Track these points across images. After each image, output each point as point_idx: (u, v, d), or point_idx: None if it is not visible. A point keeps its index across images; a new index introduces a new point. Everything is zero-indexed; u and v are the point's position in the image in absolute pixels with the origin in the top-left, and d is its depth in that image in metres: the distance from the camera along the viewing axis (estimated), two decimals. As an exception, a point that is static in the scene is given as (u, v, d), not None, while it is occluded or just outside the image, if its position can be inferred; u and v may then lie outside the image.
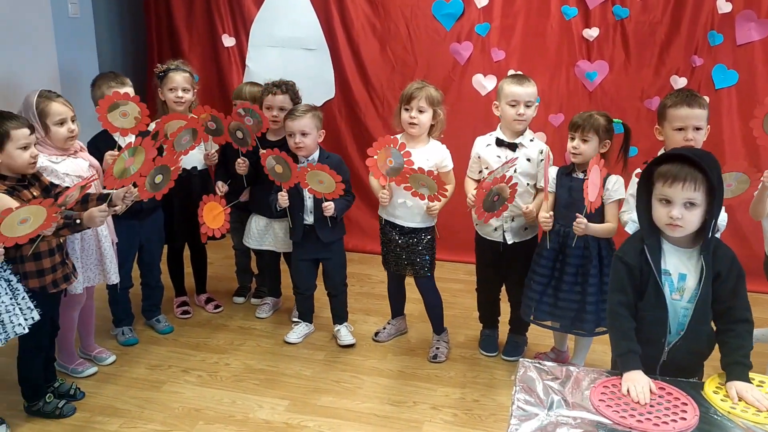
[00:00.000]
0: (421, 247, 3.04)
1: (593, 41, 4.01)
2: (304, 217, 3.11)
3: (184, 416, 2.64)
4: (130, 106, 2.76)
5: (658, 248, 1.86)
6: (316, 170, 2.87)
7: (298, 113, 3.02)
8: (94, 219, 2.42)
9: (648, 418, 1.61)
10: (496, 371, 3.03)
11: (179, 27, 4.61)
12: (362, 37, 4.37)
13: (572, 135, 2.69)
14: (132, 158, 2.46)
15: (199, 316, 3.55)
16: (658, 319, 1.86)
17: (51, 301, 2.55)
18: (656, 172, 1.82)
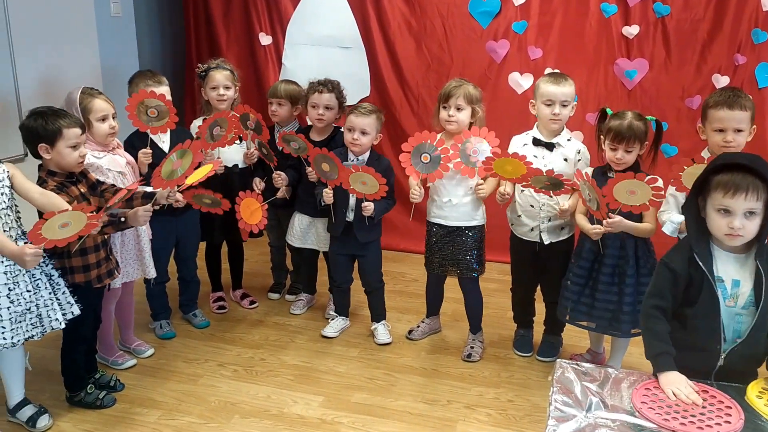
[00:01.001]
0: (467, 246, 3.02)
1: (633, 39, 3.95)
2: (347, 214, 3.12)
3: (220, 409, 2.68)
4: (159, 105, 2.82)
5: (709, 255, 1.82)
6: (360, 172, 2.88)
7: (364, 111, 3.05)
8: (139, 218, 2.48)
9: (692, 421, 1.59)
10: (531, 372, 3.01)
11: (217, 25, 4.67)
12: (398, 35, 4.38)
13: (614, 146, 2.61)
14: (180, 161, 2.51)
15: (235, 312, 3.59)
16: (711, 326, 1.82)
17: (94, 295, 2.61)
18: (714, 182, 1.78)
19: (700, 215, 1.83)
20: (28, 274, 2.30)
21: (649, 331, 1.88)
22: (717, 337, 1.82)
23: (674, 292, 1.84)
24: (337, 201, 3.09)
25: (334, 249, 3.27)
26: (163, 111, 2.86)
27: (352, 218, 3.12)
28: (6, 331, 2.22)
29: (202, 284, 3.52)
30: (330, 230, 3.25)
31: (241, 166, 3.38)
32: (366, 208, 2.99)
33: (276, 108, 3.46)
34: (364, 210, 3.00)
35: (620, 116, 2.62)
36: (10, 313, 2.23)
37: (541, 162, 2.86)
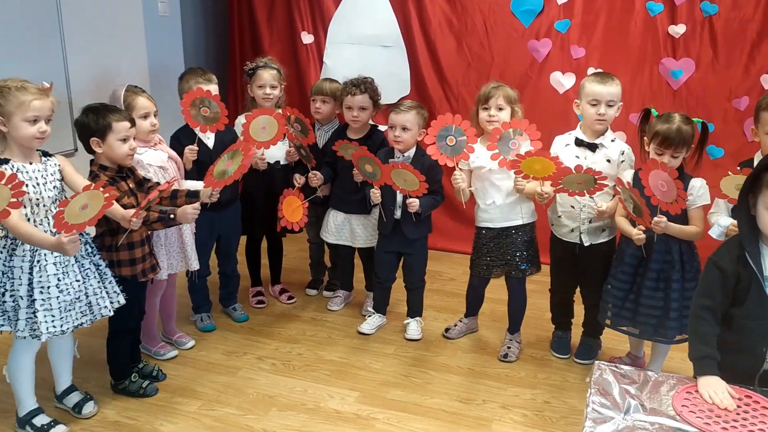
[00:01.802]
0: (516, 246, 3.01)
1: (679, 38, 3.88)
2: (395, 211, 3.15)
3: (258, 402, 2.72)
4: (211, 104, 2.88)
5: (758, 254, 1.79)
6: (399, 169, 2.90)
7: (404, 108, 3.07)
8: (188, 216, 2.56)
9: (734, 426, 1.56)
10: (568, 374, 2.98)
11: (260, 25, 4.74)
12: (439, 33, 4.38)
13: (661, 151, 2.55)
14: (231, 161, 2.56)
15: (273, 307, 3.64)
16: (760, 327, 1.79)
17: (139, 288, 2.69)
18: (766, 179, 1.75)
19: (751, 213, 1.79)
20: (77, 265, 2.37)
21: (695, 333, 1.85)
22: (764, 338, 1.78)
23: (724, 291, 1.81)
24: (385, 199, 3.11)
25: (381, 246, 3.29)
26: (215, 110, 2.92)
27: (400, 215, 3.14)
28: (56, 319, 2.30)
29: (242, 279, 3.57)
30: (380, 228, 3.27)
31: (282, 162, 3.43)
32: (411, 204, 3.00)
33: (320, 105, 3.50)
34: (409, 206, 3.01)
35: (668, 119, 2.55)
36: (60, 302, 2.30)
37: (583, 163, 2.82)
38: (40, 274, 2.27)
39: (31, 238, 2.22)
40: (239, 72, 4.32)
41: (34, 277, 2.27)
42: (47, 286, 2.27)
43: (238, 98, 4.78)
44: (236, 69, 4.78)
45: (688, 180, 2.62)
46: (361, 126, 3.34)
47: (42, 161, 2.35)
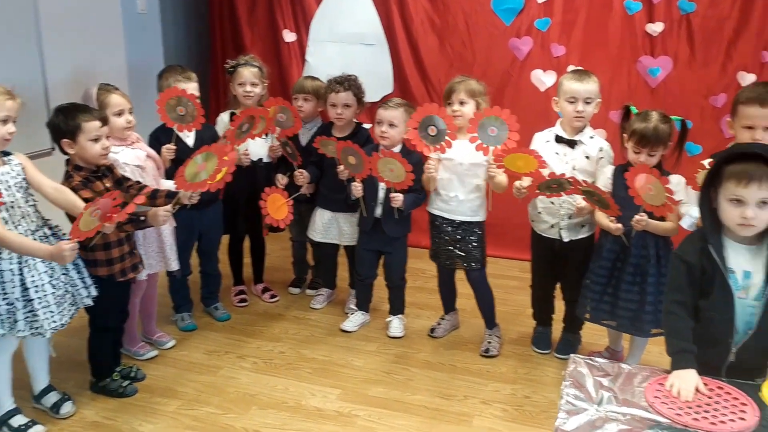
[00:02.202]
0: (473, 240, 3.04)
1: (657, 36, 3.91)
2: (375, 209, 3.15)
3: (238, 400, 2.72)
4: (187, 103, 2.87)
5: (721, 246, 1.81)
6: (387, 158, 2.90)
7: (392, 104, 3.09)
8: (158, 218, 2.54)
9: (705, 416, 1.58)
10: (549, 369, 3.00)
11: (242, 23, 4.73)
12: (421, 32, 4.39)
13: (638, 149, 2.58)
14: (204, 163, 2.54)
15: (256, 306, 3.63)
16: (724, 318, 1.81)
17: (119, 288, 2.67)
18: (726, 171, 1.77)
19: (713, 206, 1.82)
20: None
21: (670, 329, 1.87)
22: (730, 329, 1.80)
23: (692, 284, 1.83)
24: (367, 196, 3.12)
25: (362, 244, 3.30)
26: (191, 110, 2.91)
27: (380, 213, 3.14)
28: (55, 314, 2.32)
29: (223, 278, 3.56)
30: (360, 225, 3.28)
31: (265, 160, 3.42)
32: (395, 198, 3.00)
33: (302, 103, 3.49)
34: (393, 201, 3.01)
35: (645, 118, 2.58)
36: (55, 297, 2.33)
37: (563, 159, 2.85)
38: (31, 274, 2.28)
39: (21, 248, 2.23)
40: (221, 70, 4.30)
41: (26, 278, 2.28)
42: (41, 284, 2.30)
43: (220, 96, 4.77)
44: (218, 67, 4.76)
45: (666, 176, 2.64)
46: (345, 123, 3.34)
47: (4, 162, 2.33)
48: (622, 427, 1.54)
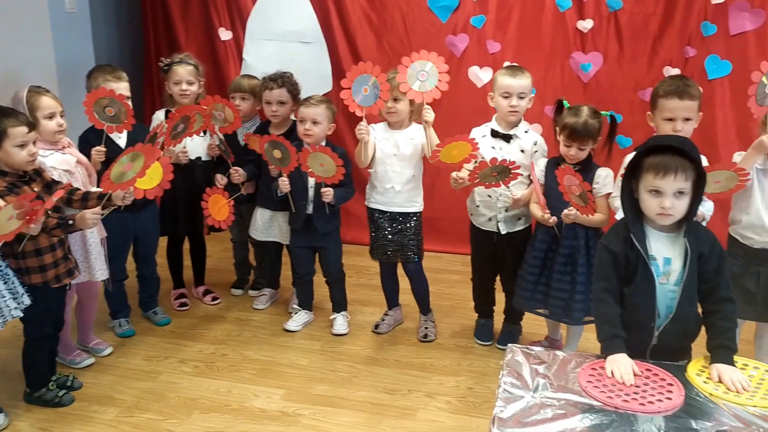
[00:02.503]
0: (409, 232, 3.08)
1: (587, 33, 4.03)
2: (306, 206, 3.14)
3: (180, 406, 2.67)
4: (116, 103, 2.80)
5: (643, 235, 1.89)
6: (317, 152, 2.89)
7: (313, 101, 3.07)
8: (87, 221, 2.44)
9: (634, 398, 1.64)
10: (491, 360, 3.06)
11: (175, 21, 4.64)
12: (359, 30, 4.39)
13: (569, 143, 2.66)
14: (131, 163, 2.47)
15: (197, 309, 3.57)
16: (647, 303, 1.89)
17: (54, 295, 2.58)
18: (645, 163, 1.84)
19: (634, 197, 1.89)
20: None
21: (599, 316, 1.93)
22: (652, 314, 1.88)
23: (617, 271, 1.90)
24: (296, 193, 3.10)
25: (295, 242, 3.28)
26: (120, 111, 2.84)
27: (312, 210, 3.13)
28: None
29: (163, 281, 3.49)
30: (291, 223, 3.26)
31: (204, 158, 3.37)
32: (326, 193, 3.01)
33: (239, 102, 3.45)
34: (324, 196, 3.01)
35: (576, 113, 2.66)
36: None
37: (499, 153, 2.91)
38: None
39: None
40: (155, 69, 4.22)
41: None
42: None
43: (155, 96, 4.66)
44: (152, 66, 4.66)
45: (595, 169, 2.74)
46: (281, 121, 3.32)
47: None
48: (556, 412, 1.58)
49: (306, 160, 2.92)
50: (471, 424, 2.57)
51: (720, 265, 1.87)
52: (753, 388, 1.69)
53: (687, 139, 1.93)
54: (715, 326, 1.84)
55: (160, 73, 3.40)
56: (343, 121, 4.44)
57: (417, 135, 3.02)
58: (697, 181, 1.81)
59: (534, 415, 1.57)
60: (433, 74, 2.83)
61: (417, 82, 2.83)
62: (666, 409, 1.59)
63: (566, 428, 1.52)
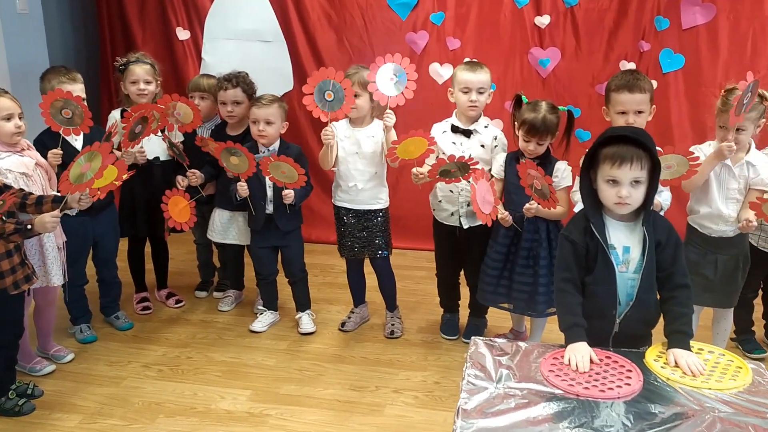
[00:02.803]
0: (376, 228, 3.10)
1: (545, 29, 4.08)
2: (266, 207, 3.12)
3: (144, 410, 2.63)
4: (73, 106, 2.75)
5: (602, 224, 1.92)
6: (279, 161, 2.88)
7: (265, 102, 3.05)
8: (46, 225, 2.38)
9: (594, 385, 1.67)
10: (457, 354, 3.08)
11: (132, 20, 4.57)
12: (318, 28, 4.38)
13: (528, 138, 2.70)
14: (89, 164, 2.42)
15: (160, 312, 3.53)
16: (608, 292, 1.92)
17: (12, 302, 2.52)
18: (602, 154, 1.87)
19: (593, 187, 1.92)
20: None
21: (561, 305, 1.96)
22: (613, 302, 1.92)
23: (578, 261, 1.93)
24: (255, 195, 3.08)
25: (256, 242, 3.26)
26: (77, 113, 2.78)
27: (272, 210, 3.12)
28: None
29: (124, 285, 3.44)
30: (250, 225, 3.23)
31: (162, 158, 3.32)
32: (287, 195, 3.00)
33: (198, 102, 3.40)
34: (286, 198, 3.00)
35: (535, 108, 2.70)
36: None
37: (459, 148, 2.93)
38: None
39: None
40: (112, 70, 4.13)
41: None
42: None
43: (112, 98, 4.57)
44: (108, 67, 4.57)
45: (554, 163, 2.78)
46: (238, 121, 3.29)
47: None
48: (519, 402, 1.60)
49: (267, 168, 2.91)
50: (438, 418, 2.58)
51: (676, 253, 1.91)
52: (708, 372, 1.73)
53: (642, 129, 1.98)
54: (671, 312, 1.89)
55: (115, 73, 3.34)
56: (306, 123, 4.44)
57: (378, 132, 3.03)
58: (652, 171, 1.85)
59: (497, 406, 1.59)
60: (403, 80, 2.82)
61: (387, 84, 2.82)
62: (625, 395, 1.62)
63: (529, 417, 1.54)
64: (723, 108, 2.56)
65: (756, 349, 3.05)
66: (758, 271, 2.88)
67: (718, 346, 1.99)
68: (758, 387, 1.67)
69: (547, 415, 1.55)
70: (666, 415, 1.54)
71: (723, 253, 2.69)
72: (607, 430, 1.48)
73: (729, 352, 1.85)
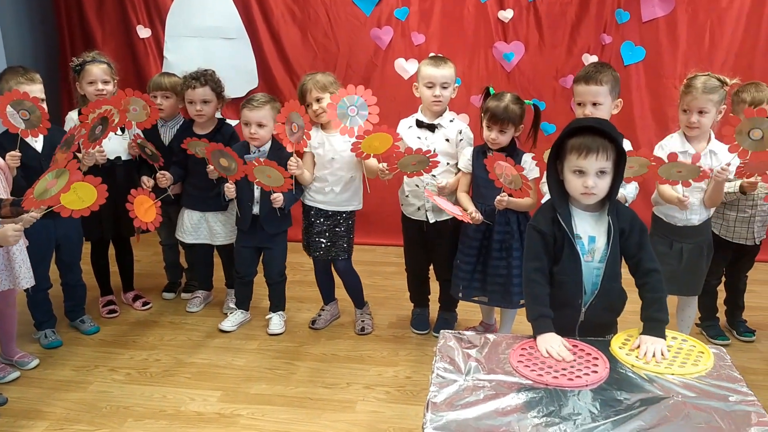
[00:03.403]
0: (341, 230, 3.10)
1: (508, 23, 4.12)
2: (252, 207, 3.09)
3: (112, 415, 2.59)
4: (31, 107, 2.69)
5: (568, 214, 1.94)
6: (263, 166, 2.86)
7: (257, 103, 3.00)
8: (8, 238, 2.33)
9: (563, 373, 1.69)
10: (427, 348, 3.09)
11: (90, 18, 4.49)
12: (282, 24, 4.36)
13: (490, 126, 2.73)
14: (55, 180, 2.38)
15: (127, 315, 3.47)
16: (574, 281, 1.94)
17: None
18: (568, 145, 1.89)
19: (560, 178, 1.94)
20: None
21: (529, 296, 1.98)
22: (579, 291, 1.94)
23: (547, 251, 1.95)
24: (242, 195, 3.06)
25: (240, 241, 3.23)
26: (35, 114, 2.72)
27: (258, 211, 3.09)
28: None
29: (90, 288, 3.38)
30: (238, 224, 3.21)
31: (124, 158, 3.26)
32: (275, 200, 2.97)
33: (161, 101, 3.35)
34: (274, 202, 2.97)
35: (499, 98, 2.73)
36: None
37: (424, 143, 2.94)
38: None
39: None
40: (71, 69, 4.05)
41: None
42: None
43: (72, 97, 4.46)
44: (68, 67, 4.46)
45: (520, 155, 2.81)
46: (207, 120, 3.25)
47: None
48: (488, 393, 1.62)
49: (252, 172, 2.88)
50: (410, 412, 2.59)
51: (642, 239, 1.94)
52: (671, 357, 1.77)
53: (607, 120, 2.00)
54: (644, 299, 1.92)
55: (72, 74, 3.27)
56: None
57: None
58: (617, 161, 1.88)
59: (466, 398, 1.60)
60: (363, 108, 2.81)
61: (348, 118, 2.82)
62: (593, 382, 1.65)
63: (497, 408, 1.55)
64: (686, 90, 2.62)
65: (719, 336, 3.12)
66: (720, 259, 2.95)
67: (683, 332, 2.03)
68: (720, 371, 1.71)
69: (515, 405, 1.57)
70: (631, 402, 1.57)
71: (688, 241, 2.74)
72: (574, 418, 1.51)
73: (692, 338, 1.89)
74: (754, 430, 1.46)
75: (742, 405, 1.56)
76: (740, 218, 2.92)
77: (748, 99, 2.83)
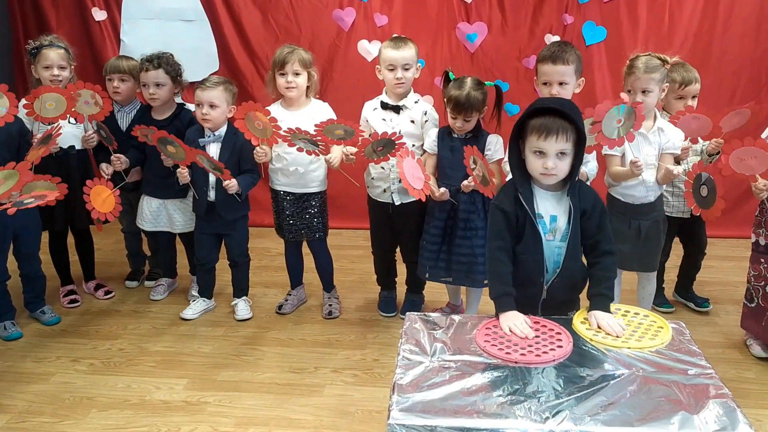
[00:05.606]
0: (314, 210, 3.08)
1: (471, 3, 4.11)
2: (208, 193, 3.04)
3: (75, 406, 2.54)
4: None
5: (530, 194, 1.95)
6: (201, 155, 2.83)
7: (209, 84, 2.95)
8: None
9: (530, 351, 1.70)
10: (395, 330, 3.09)
11: (43, 1, 4.33)
12: (243, 6, 4.29)
13: (455, 116, 2.72)
14: (3, 180, 2.31)
15: (89, 304, 3.41)
16: (536, 260, 1.96)
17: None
18: (529, 126, 1.89)
19: (521, 158, 1.95)
20: None
21: (492, 274, 1.98)
22: (541, 269, 1.96)
23: (509, 230, 1.96)
24: (197, 180, 3.01)
25: (199, 228, 3.19)
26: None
27: (214, 197, 3.04)
28: None
29: (50, 278, 3.30)
30: (195, 210, 3.16)
31: (78, 147, 3.18)
32: (229, 186, 2.93)
33: (118, 84, 3.26)
34: (228, 189, 2.93)
35: (460, 86, 2.71)
36: None
37: (389, 125, 2.93)
38: None
39: None
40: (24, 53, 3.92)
41: None
42: None
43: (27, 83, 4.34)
44: (21, 52, 4.32)
45: (485, 137, 2.81)
46: (162, 105, 3.18)
47: None
48: (453, 374, 1.62)
49: (196, 159, 2.86)
50: (378, 395, 2.59)
51: (602, 221, 1.97)
52: (630, 332, 1.80)
53: (569, 101, 2.00)
54: (594, 276, 1.95)
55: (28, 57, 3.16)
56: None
57: (317, 113, 2.97)
58: (578, 143, 1.89)
59: (432, 379, 1.60)
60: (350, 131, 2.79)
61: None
62: (560, 357, 1.67)
63: (463, 388, 1.56)
64: (629, 71, 2.66)
65: (664, 303, 3.26)
66: (668, 236, 3.03)
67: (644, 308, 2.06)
68: (679, 346, 1.74)
69: (480, 384, 1.57)
70: (594, 377, 1.59)
71: (645, 218, 2.78)
72: (539, 395, 1.52)
73: (652, 313, 1.92)
74: (712, 402, 1.50)
75: (701, 378, 1.59)
76: (675, 193, 3.03)
77: (678, 79, 2.93)
